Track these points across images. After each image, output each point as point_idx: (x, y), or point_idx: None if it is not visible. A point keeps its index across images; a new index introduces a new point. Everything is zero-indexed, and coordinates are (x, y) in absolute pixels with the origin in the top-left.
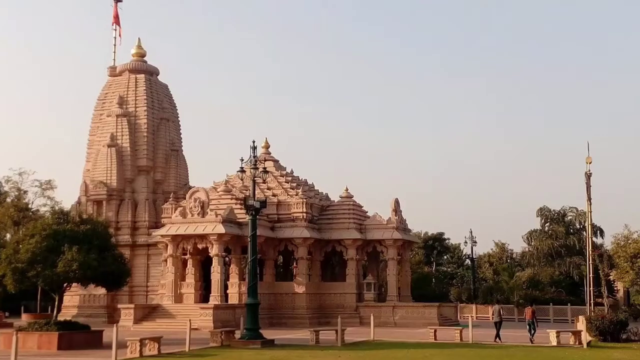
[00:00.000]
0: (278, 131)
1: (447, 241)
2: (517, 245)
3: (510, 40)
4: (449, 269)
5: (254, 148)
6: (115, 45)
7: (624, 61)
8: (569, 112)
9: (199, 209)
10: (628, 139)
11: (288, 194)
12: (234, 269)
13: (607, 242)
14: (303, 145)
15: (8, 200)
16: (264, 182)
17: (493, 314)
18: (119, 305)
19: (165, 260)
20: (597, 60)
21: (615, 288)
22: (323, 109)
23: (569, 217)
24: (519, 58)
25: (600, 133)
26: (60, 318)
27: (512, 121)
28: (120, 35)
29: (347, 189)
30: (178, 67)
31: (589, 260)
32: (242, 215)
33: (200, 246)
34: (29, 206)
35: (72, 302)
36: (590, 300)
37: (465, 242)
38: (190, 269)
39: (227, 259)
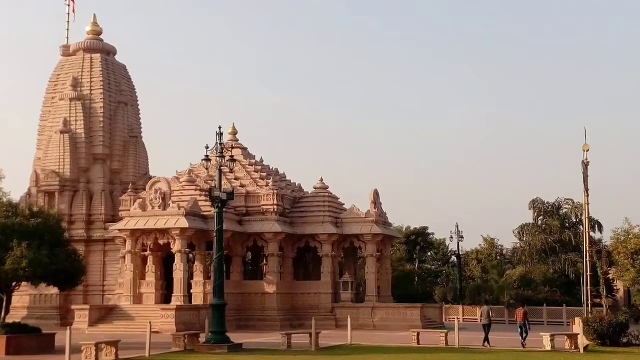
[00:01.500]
0: (247, 117)
1: (431, 236)
2: (508, 241)
3: (500, 24)
4: (433, 267)
5: (221, 134)
6: (68, 22)
7: (623, 42)
8: (564, 97)
9: (160, 201)
10: (629, 125)
11: (257, 185)
12: (198, 267)
13: (606, 237)
14: (274, 132)
15: None
16: (231, 171)
17: (481, 316)
18: (73, 307)
19: (124, 257)
20: (594, 42)
21: (615, 288)
22: (297, 95)
23: (565, 210)
24: (509, 42)
25: (599, 119)
26: (9, 320)
27: (502, 107)
28: (74, 12)
29: (322, 180)
30: (137, 46)
31: (586, 257)
32: (207, 207)
33: (161, 242)
34: None
35: (22, 302)
36: (587, 300)
37: (451, 238)
38: (150, 266)
39: (191, 255)
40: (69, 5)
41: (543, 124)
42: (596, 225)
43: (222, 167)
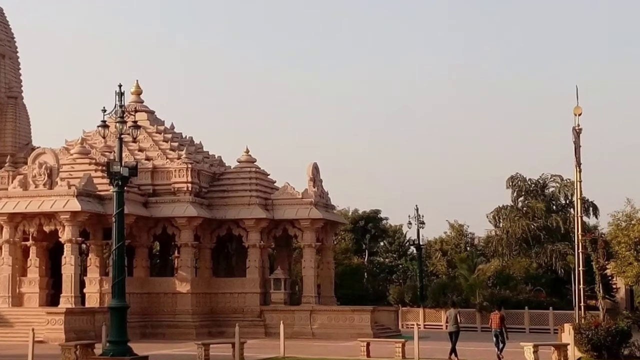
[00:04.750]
0: (154, 73)
1: (384, 222)
2: (480, 228)
3: None
4: (387, 260)
5: (121, 94)
6: None
7: None
8: (551, 47)
9: (46, 178)
10: (631, 83)
11: (167, 157)
12: (93, 260)
13: (603, 223)
14: (187, 92)
15: None
16: (135, 140)
17: (447, 322)
18: None
19: (0, 248)
20: None
21: (614, 286)
22: (214, 44)
23: (551, 189)
24: None
25: (594, 75)
26: None
27: (472, 57)
28: None
29: (247, 151)
30: None
31: (578, 248)
32: (104, 186)
33: (47, 228)
34: None
35: None
36: (579, 302)
37: (409, 224)
38: (33, 259)
39: (84, 246)
40: None
41: (524, 79)
42: (590, 208)
43: (122, 135)
